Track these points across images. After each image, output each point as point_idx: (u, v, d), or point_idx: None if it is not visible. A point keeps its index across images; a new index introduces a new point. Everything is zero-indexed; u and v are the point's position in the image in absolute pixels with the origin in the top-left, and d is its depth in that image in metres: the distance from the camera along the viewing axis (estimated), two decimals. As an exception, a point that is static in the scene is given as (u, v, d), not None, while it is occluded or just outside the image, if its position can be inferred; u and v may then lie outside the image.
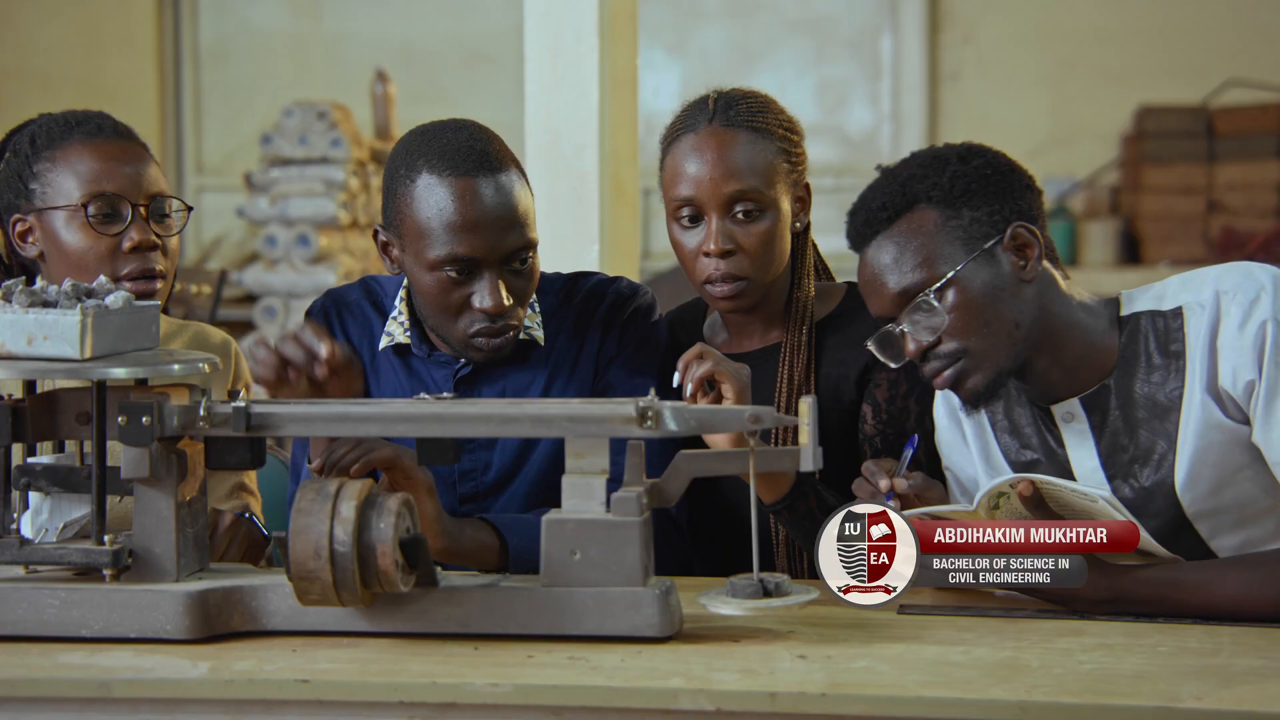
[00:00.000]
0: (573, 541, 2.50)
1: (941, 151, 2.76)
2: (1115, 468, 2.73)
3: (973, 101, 8.65)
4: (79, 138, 2.96)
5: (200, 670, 2.38)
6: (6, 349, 2.48)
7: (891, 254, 2.70)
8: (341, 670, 2.37)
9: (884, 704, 2.24)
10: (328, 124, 6.19)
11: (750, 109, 3.07)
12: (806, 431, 2.47)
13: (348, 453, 2.75)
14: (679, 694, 2.27)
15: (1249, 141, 8.69)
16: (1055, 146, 8.54)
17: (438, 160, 2.92)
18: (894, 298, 2.70)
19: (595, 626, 2.48)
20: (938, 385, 2.73)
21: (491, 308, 2.91)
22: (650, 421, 2.50)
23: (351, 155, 6.16)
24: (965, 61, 8.67)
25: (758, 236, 3.02)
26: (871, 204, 2.73)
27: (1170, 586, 2.59)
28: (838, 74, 8.74)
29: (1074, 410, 2.76)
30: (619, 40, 4.31)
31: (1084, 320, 2.75)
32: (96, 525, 2.52)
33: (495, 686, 2.30)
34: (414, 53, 8.62)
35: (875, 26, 8.72)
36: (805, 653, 2.42)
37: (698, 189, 3.02)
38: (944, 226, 2.69)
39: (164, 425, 2.51)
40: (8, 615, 2.51)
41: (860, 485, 2.76)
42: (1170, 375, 2.70)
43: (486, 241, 2.89)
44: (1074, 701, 2.20)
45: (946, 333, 2.68)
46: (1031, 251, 2.70)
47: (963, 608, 2.67)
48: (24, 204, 2.96)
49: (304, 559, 2.42)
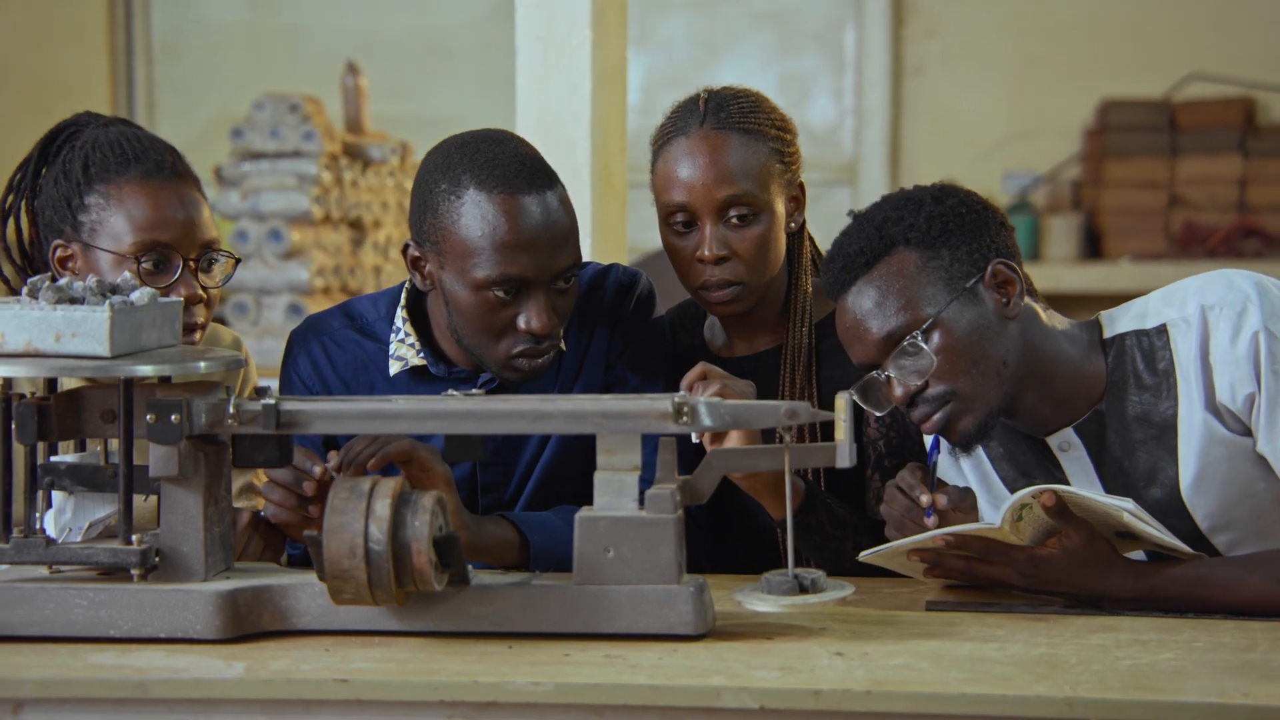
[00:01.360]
0: (606, 539, 2.49)
1: (914, 194, 2.74)
2: (1120, 490, 2.73)
3: (936, 96, 8.65)
4: (136, 175, 2.85)
5: (236, 670, 2.35)
6: (34, 346, 2.45)
7: (873, 299, 2.68)
8: (378, 670, 2.35)
9: (928, 701, 2.23)
10: (300, 117, 6.14)
11: (742, 110, 3.03)
12: (843, 428, 2.46)
13: (364, 449, 2.73)
14: (721, 692, 2.26)
15: (1210, 136, 8.71)
16: (1018, 141, 8.54)
17: (486, 175, 2.84)
18: (878, 343, 2.68)
19: (629, 625, 2.47)
20: (927, 430, 2.71)
21: (539, 329, 2.84)
22: (686, 417, 2.49)
23: (325, 149, 6.11)
24: (929, 56, 8.67)
25: (752, 241, 2.99)
26: (848, 250, 2.71)
27: (1198, 583, 2.60)
28: (801, 67, 8.73)
29: (1069, 439, 2.76)
30: (609, 32, 4.28)
31: (1068, 350, 2.74)
32: (124, 524, 2.50)
33: (537, 685, 2.29)
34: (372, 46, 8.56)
35: (839, 20, 8.72)
36: (842, 650, 2.42)
37: (691, 194, 2.99)
38: (924, 268, 2.68)
39: (192, 423, 2.49)
40: (34, 615, 2.48)
41: (895, 499, 2.73)
42: (1162, 394, 2.71)
43: (539, 261, 2.83)
44: (1120, 698, 2.20)
45: (934, 375, 2.67)
46: (1013, 289, 2.70)
47: (989, 604, 2.67)
48: (69, 231, 2.86)
49: (339, 558, 2.40)
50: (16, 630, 2.48)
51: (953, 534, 2.63)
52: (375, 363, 3.04)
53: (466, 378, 3.00)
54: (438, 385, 3.00)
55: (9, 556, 2.50)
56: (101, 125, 2.93)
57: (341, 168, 6.24)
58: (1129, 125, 8.56)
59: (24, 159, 2.93)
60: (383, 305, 3.09)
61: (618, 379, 3.04)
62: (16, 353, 2.45)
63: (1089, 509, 2.60)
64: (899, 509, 2.73)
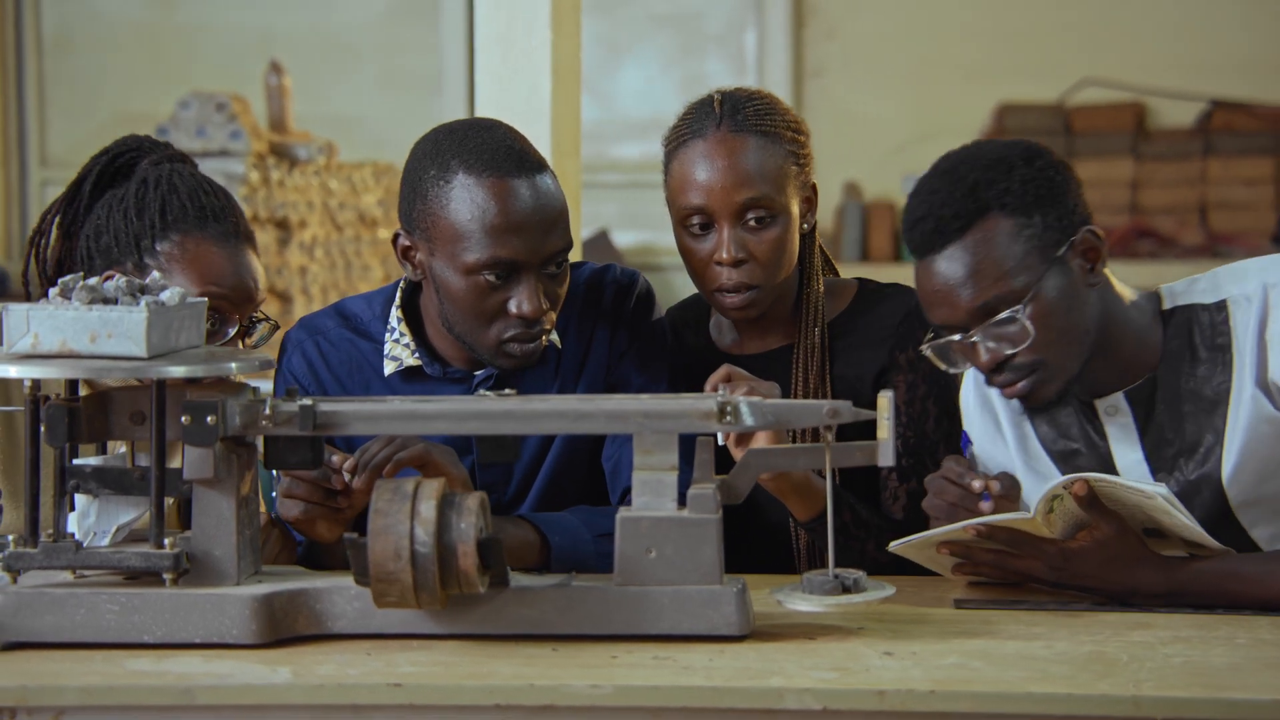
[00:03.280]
0: (648, 539, 2.47)
1: (1002, 153, 2.71)
2: (1159, 461, 2.75)
3: (837, 98, 8.71)
4: (212, 235, 2.81)
5: (282, 676, 2.31)
6: (69, 347, 2.39)
7: (967, 266, 2.66)
8: (428, 673, 2.32)
9: (993, 700, 2.23)
10: (227, 115, 6.06)
11: (758, 112, 3.02)
12: (885, 426, 2.46)
13: (379, 450, 2.70)
14: (784, 693, 2.25)
15: (1103, 139, 8.84)
16: (917, 143, 8.58)
17: (474, 160, 2.83)
18: (970, 311, 2.67)
19: (672, 626, 2.45)
20: (1008, 395, 2.71)
21: (530, 312, 2.82)
22: (730, 417, 2.48)
23: (252, 148, 6.03)
24: (829, 58, 8.72)
25: (770, 243, 2.97)
26: (941, 212, 2.67)
27: (1227, 578, 2.61)
28: (703, 69, 8.76)
29: (1118, 404, 2.77)
30: (565, 32, 4.26)
31: (1135, 319, 2.75)
32: (156, 528, 2.45)
33: (595, 688, 2.26)
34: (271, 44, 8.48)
35: (740, 22, 8.74)
36: (890, 650, 2.41)
37: (709, 197, 2.96)
38: (1018, 236, 2.66)
39: (227, 424, 2.44)
40: (65, 621, 2.43)
41: (945, 490, 2.72)
42: (1216, 369, 2.72)
43: (528, 244, 2.81)
44: (1186, 695, 2.21)
45: (1027, 346, 2.67)
46: (1098, 255, 2.70)
47: (1018, 601, 2.67)
48: (130, 265, 2.80)
49: (384, 560, 2.36)
50: (47, 637, 2.42)
51: (985, 525, 2.64)
52: (370, 362, 3.01)
53: (461, 378, 2.98)
54: (432, 385, 2.98)
55: (38, 561, 2.44)
56: (165, 160, 2.89)
57: (269, 167, 6.17)
58: (1025, 129, 8.65)
59: (75, 180, 2.89)
60: (377, 305, 3.06)
61: (621, 379, 3.02)
62: (51, 354, 2.39)
63: (1120, 500, 2.61)
64: (951, 498, 2.71)
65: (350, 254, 6.08)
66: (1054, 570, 2.64)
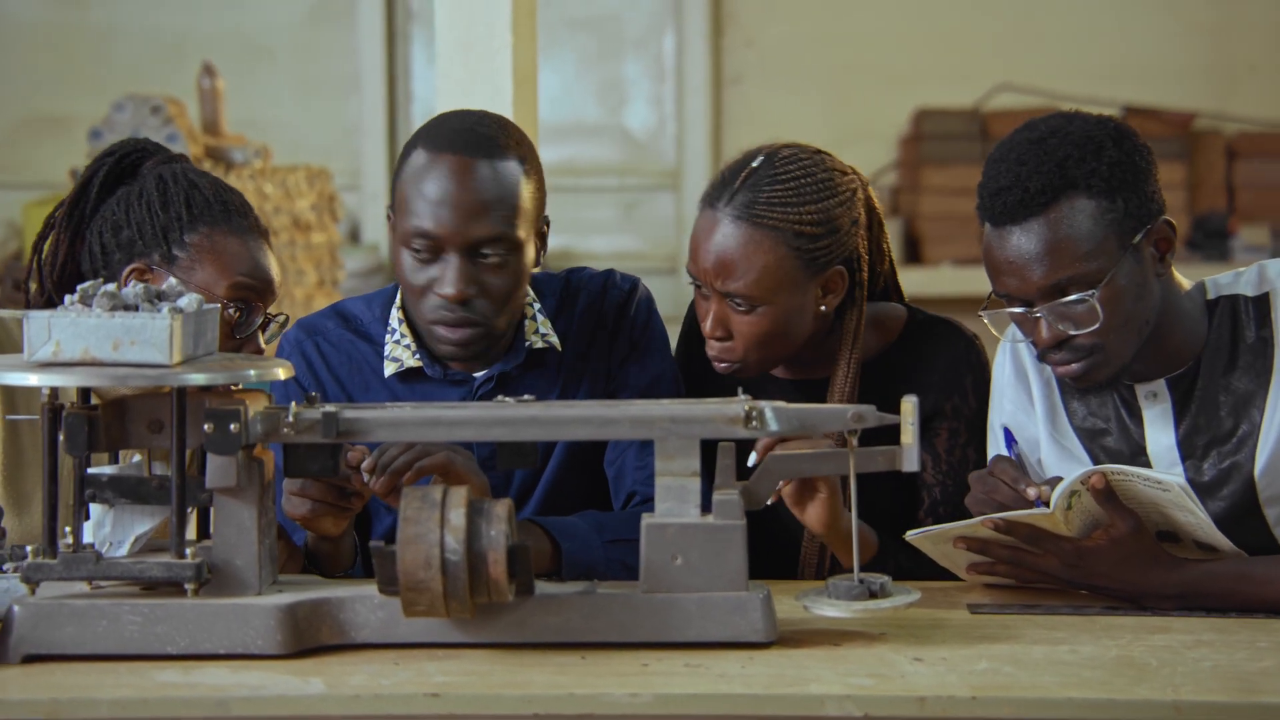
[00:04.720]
0: (674, 546, 2.46)
1: (1093, 130, 2.70)
2: (1191, 448, 2.76)
3: (755, 104, 8.70)
4: (238, 229, 2.85)
5: (315, 687, 2.28)
6: (91, 354, 2.35)
7: (1046, 242, 2.66)
8: (463, 683, 2.30)
9: (1033, 706, 2.24)
10: (163, 119, 5.97)
11: (770, 202, 2.92)
12: (910, 431, 2.46)
13: (399, 455, 2.67)
14: (825, 700, 2.25)
15: (1018, 145, 8.90)
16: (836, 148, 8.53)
17: (432, 134, 2.90)
18: (1042, 288, 2.67)
19: (699, 633, 2.44)
20: (1061, 374, 2.74)
21: (450, 294, 2.83)
22: (755, 422, 2.47)
23: (189, 152, 5.95)
24: (747, 64, 8.71)
25: (750, 327, 2.93)
26: (1027, 185, 2.66)
27: (1240, 580, 2.63)
28: (621, 74, 8.73)
29: (1159, 390, 2.79)
30: (523, 37, 4.26)
31: (1188, 310, 2.77)
32: (177, 537, 2.41)
33: (635, 696, 2.25)
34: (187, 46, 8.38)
35: (658, 27, 8.72)
36: (918, 655, 2.41)
37: (702, 274, 2.93)
38: (1100, 219, 2.66)
39: (249, 432, 2.41)
40: (85, 633, 2.39)
41: (998, 488, 2.71)
42: (1258, 360, 2.74)
43: (450, 224, 2.83)
44: (1227, 700, 2.22)
45: (1092, 330, 2.68)
46: (1169, 246, 2.72)
47: (1031, 606, 2.68)
48: (157, 257, 2.81)
49: (414, 569, 2.34)
50: (67, 649, 2.38)
51: (1003, 519, 2.64)
52: (369, 363, 3.01)
53: (461, 380, 2.97)
54: (432, 386, 2.98)
55: (57, 572, 2.40)
56: (170, 160, 2.92)
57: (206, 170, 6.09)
58: (943, 134, 8.69)
59: (80, 181, 2.88)
60: (376, 306, 3.06)
61: (623, 384, 3.02)
62: (73, 361, 2.35)
63: (1136, 496, 2.62)
64: (1004, 499, 2.70)
65: (285, 258, 6.01)
66: (1068, 568, 2.66)
